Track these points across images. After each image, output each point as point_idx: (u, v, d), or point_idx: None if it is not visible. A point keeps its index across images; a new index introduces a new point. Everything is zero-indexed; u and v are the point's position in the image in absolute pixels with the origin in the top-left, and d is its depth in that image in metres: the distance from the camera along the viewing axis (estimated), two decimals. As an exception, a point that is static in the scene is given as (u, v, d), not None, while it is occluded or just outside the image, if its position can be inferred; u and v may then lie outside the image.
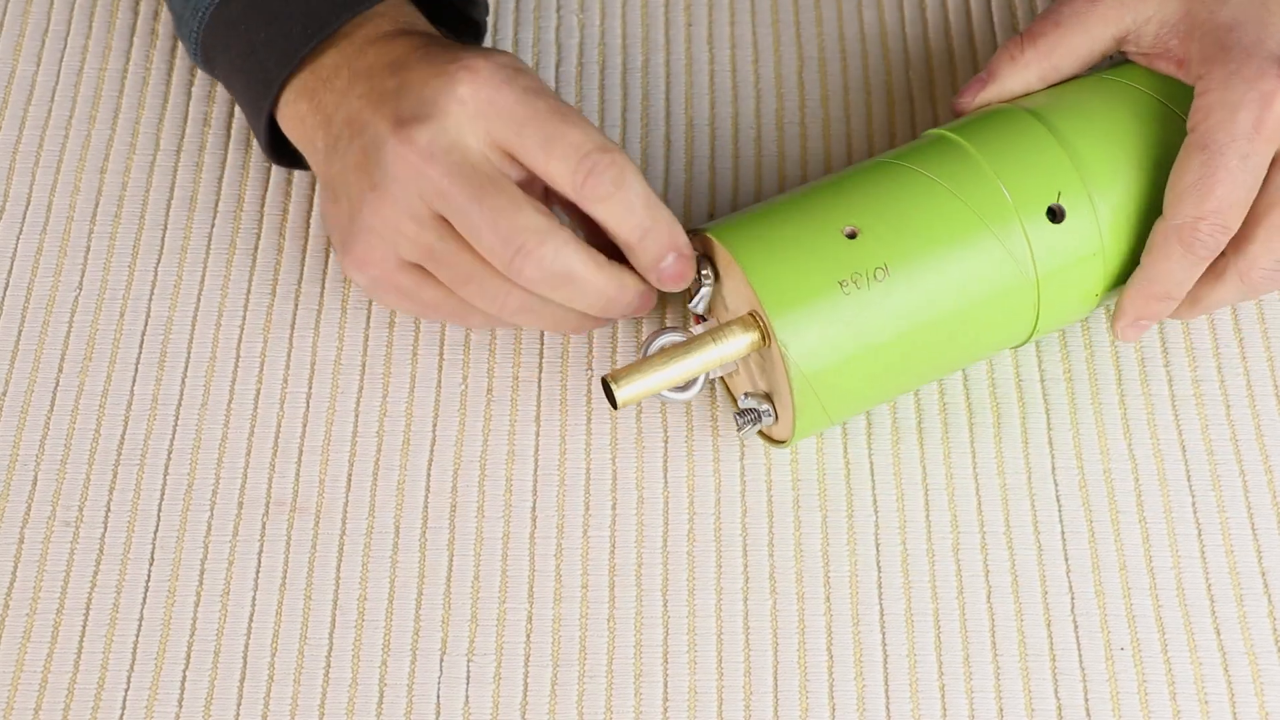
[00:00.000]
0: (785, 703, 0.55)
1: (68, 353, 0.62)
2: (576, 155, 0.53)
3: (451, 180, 0.53)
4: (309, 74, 0.58)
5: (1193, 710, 0.55)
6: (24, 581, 0.57)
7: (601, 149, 0.54)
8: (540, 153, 0.54)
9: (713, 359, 0.55)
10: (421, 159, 0.53)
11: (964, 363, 0.58)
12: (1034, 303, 0.56)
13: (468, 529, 0.58)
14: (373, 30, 0.58)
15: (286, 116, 0.59)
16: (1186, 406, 0.61)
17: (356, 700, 0.55)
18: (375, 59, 0.57)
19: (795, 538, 0.58)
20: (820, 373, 0.54)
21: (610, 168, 0.53)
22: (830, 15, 0.71)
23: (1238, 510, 0.59)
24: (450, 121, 0.54)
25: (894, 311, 0.54)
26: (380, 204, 0.55)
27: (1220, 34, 0.56)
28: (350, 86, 0.57)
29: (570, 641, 0.56)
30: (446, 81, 0.54)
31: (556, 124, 0.54)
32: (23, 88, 0.68)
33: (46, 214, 0.65)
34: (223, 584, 0.57)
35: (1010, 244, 0.55)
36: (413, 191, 0.54)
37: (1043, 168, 0.56)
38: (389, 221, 0.55)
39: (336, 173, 0.57)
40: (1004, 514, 0.59)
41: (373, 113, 0.55)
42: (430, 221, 0.54)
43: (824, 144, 0.67)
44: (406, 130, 0.54)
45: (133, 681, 0.55)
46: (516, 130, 0.54)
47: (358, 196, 0.55)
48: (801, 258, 0.54)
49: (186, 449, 0.60)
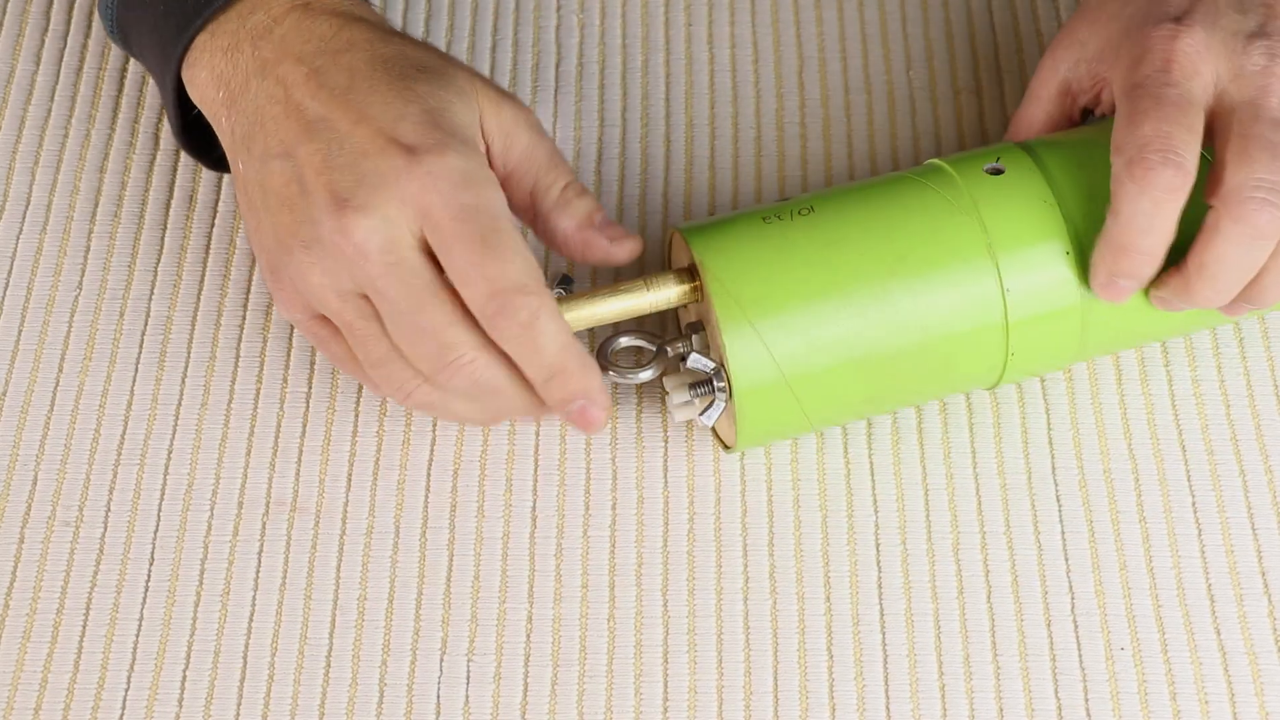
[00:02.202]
0: (785, 703, 0.55)
1: (68, 353, 0.62)
2: (489, 290, 0.52)
3: (386, 282, 0.52)
4: (207, 36, 0.56)
5: (1193, 710, 0.55)
6: (24, 581, 0.57)
7: (519, 290, 0.52)
8: (458, 276, 0.52)
9: (643, 303, 0.57)
10: (356, 252, 0.52)
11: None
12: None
13: (468, 529, 0.58)
14: (278, 1, 0.56)
15: (188, 82, 0.57)
16: (1186, 406, 0.61)
17: (356, 700, 0.55)
18: (284, 47, 0.55)
19: (795, 538, 0.58)
20: (753, 299, 0.54)
21: (521, 310, 0.52)
22: (830, 15, 0.71)
23: (1238, 510, 0.59)
24: (390, 217, 0.52)
25: (823, 241, 0.55)
26: (309, 269, 0.53)
27: (1126, 28, 0.57)
28: (260, 75, 0.55)
29: (570, 641, 0.56)
30: (389, 173, 0.52)
31: (480, 254, 0.52)
32: (23, 88, 0.68)
33: (46, 214, 0.65)
34: (223, 584, 0.57)
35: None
36: (344, 274, 0.53)
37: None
38: (314, 288, 0.54)
39: (254, 182, 0.55)
40: (1004, 514, 0.59)
41: (298, 150, 0.53)
42: (354, 300, 0.54)
43: (824, 144, 0.67)
44: (343, 215, 0.52)
45: (133, 681, 0.55)
46: (446, 245, 0.52)
47: (285, 241, 0.54)
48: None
49: (186, 449, 0.60)
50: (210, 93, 0.56)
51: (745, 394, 0.54)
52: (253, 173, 0.55)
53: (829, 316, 0.54)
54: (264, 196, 0.55)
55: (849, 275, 0.54)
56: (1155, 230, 0.54)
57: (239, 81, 0.55)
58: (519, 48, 0.69)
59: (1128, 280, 0.55)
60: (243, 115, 0.55)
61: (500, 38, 0.70)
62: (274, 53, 0.55)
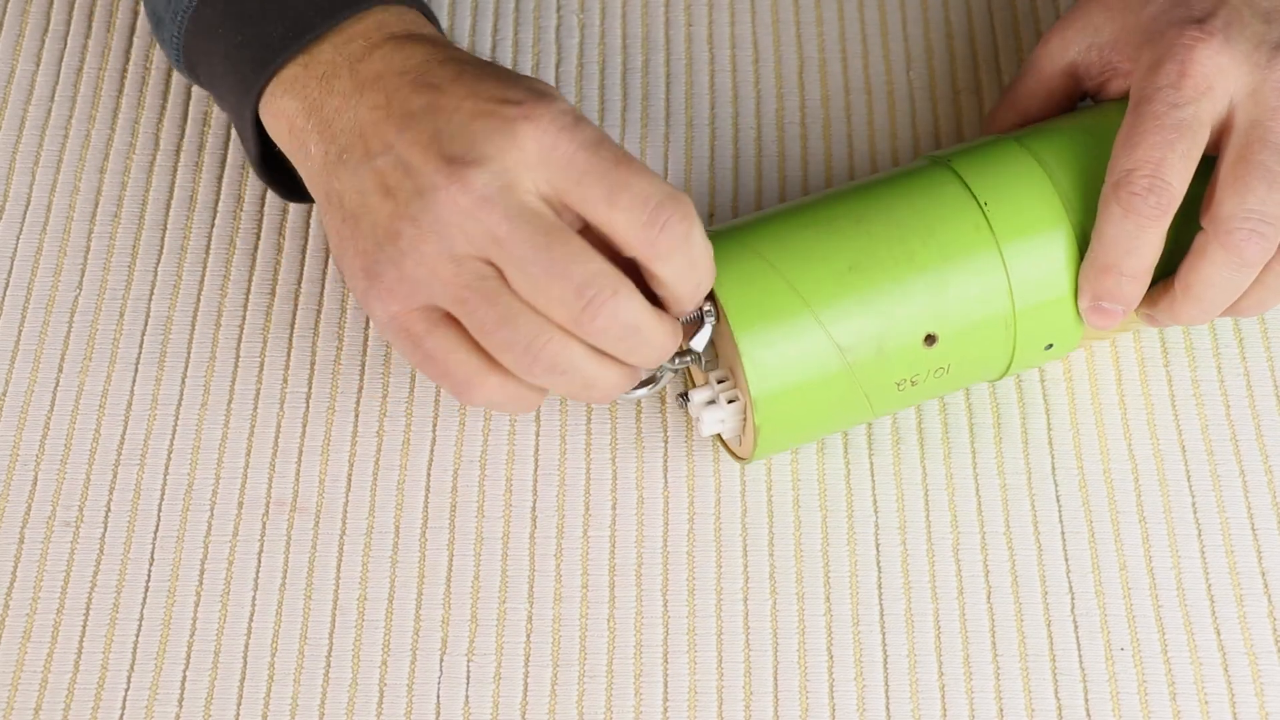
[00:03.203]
0: (785, 703, 0.55)
1: (68, 353, 0.62)
2: (645, 208, 0.50)
3: (512, 227, 0.50)
4: (299, 68, 0.55)
5: (1193, 710, 0.55)
6: (24, 581, 0.57)
7: (671, 199, 0.51)
8: (603, 204, 0.50)
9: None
10: (475, 204, 0.50)
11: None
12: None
13: (468, 529, 0.58)
14: (375, 31, 0.55)
15: (271, 114, 0.56)
16: (1186, 406, 0.61)
17: (356, 700, 0.55)
18: (387, 64, 0.54)
19: (795, 538, 0.58)
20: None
21: (682, 222, 0.51)
22: (830, 15, 0.71)
23: (1238, 510, 0.59)
24: (508, 166, 0.50)
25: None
26: (420, 241, 0.51)
27: (1146, 25, 0.57)
28: (359, 92, 0.53)
29: (570, 641, 0.56)
30: (503, 124, 0.51)
31: (621, 173, 0.50)
32: (23, 88, 0.68)
33: (46, 214, 0.65)
34: (223, 584, 0.57)
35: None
36: (459, 236, 0.51)
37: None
38: (426, 261, 0.51)
39: (350, 191, 0.53)
40: (1004, 514, 0.59)
41: (408, 142, 0.52)
42: (471, 264, 0.51)
43: (824, 144, 0.67)
44: (458, 171, 0.50)
45: (133, 681, 0.55)
46: (577, 180, 0.50)
47: (389, 228, 0.52)
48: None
49: (186, 449, 0.60)
50: (299, 121, 0.55)
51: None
52: (348, 182, 0.53)
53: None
54: (361, 199, 0.53)
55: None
56: (1138, 252, 0.54)
57: (333, 106, 0.54)
58: (519, 48, 0.69)
59: (1112, 303, 0.55)
60: (339, 135, 0.53)
61: (500, 38, 0.70)
62: (374, 71, 0.53)
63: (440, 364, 0.53)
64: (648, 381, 0.57)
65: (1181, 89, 0.54)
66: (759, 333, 0.53)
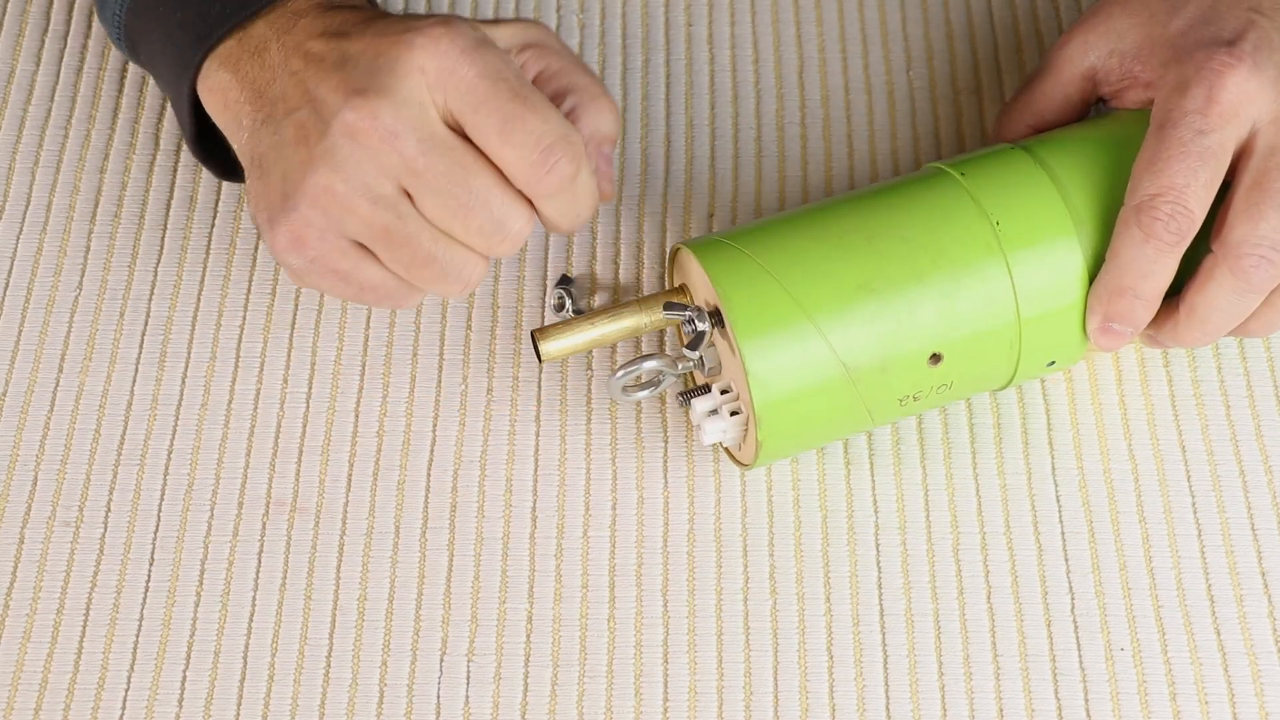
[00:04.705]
0: (785, 703, 0.55)
1: (68, 353, 0.62)
2: (537, 147, 0.51)
3: (428, 158, 0.51)
4: (235, 42, 0.55)
5: (1193, 710, 0.55)
6: (24, 581, 0.57)
7: (563, 141, 0.52)
8: (495, 137, 0.51)
9: (642, 323, 0.57)
10: (383, 134, 0.51)
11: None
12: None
13: (468, 529, 0.58)
14: (304, 3, 0.56)
15: (208, 89, 0.56)
16: (1186, 406, 0.61)
17: (356, 700, 0.55)
18: (308, 31, 0.54)
19: (795, 538, 0.58)
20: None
21: (570, 164, 0.52)
22: (830, 15, 0.71)
23: (1238, 510, 0.59)
24: (410, 92, 0.51)
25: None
26: (329, 179, 0.52)
27: (1174, 40, 0.56)
28: (284, 61, 0.54)
29: (570, 641, 0.56)
30: (404, 49, 0.51)
31: (517, 107, 0.51)
32: (23, 88, 0.68)
33: (46, 214, 0.65)
34: (223, 584, 0.57)
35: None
36: (370, 168, 0.51)
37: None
38: (337, 198, 0.52)
39: (268, 148, 0.54)
40: (1004, 514, 0.59)
41: (317, 83, 0.52)
42: (389, 200, 0.52)
43: (824, 144, 0.67)
44: (363, 101, 0.51)
45: (133, 681, 0.55)
46: (474, 107, 0.51)
47: (297, 171, 0.52)
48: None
49: (186, 449, 0.60)
50: (234, 94, 0.56)
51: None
52: (268, 140, 0.54)
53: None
54: (277, 150, 0.53)
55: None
56: (1154, 277, 0.54)
57: (265, 78, 0.55)
58: (519, 48, 0.69)
59: (1122, 325, 0.55)
60: (267, 101, 0.54)
61: (500, 38, 0.70)
62: (297, 40, 0.54)
63: (376, 290, 0.55)
64: (649, 384, 0.57)
65: (1209, 116, 0.53)
66: (764, 348, 0.53)
